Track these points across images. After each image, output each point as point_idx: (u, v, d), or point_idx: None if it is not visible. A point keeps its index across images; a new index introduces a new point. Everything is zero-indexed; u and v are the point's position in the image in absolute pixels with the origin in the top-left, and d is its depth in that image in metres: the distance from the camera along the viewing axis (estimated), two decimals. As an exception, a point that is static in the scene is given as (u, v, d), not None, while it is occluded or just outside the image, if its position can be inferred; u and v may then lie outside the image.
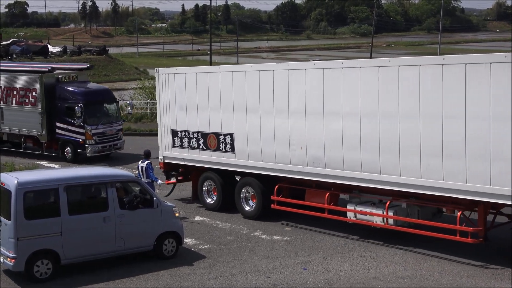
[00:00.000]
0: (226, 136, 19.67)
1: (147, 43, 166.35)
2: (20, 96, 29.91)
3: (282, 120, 18.05)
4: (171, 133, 21.35)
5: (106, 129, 29.43)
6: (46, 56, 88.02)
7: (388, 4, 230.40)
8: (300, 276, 14.60)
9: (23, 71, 30.51)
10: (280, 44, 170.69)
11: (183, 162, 21.28)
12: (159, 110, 21.79)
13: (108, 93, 30.98)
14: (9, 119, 30.74)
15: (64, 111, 29.07)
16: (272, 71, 18.39)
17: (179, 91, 20.91)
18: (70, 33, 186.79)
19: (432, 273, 14.59)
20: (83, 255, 14.89)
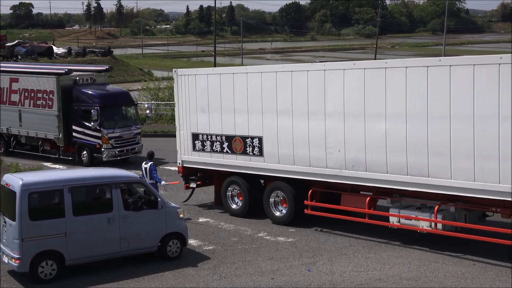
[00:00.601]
0: (254, 139, 19.06)
1: (152, 44, 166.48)
2: (38, 99, 29.33)
3: (318, 122, 17.41)
4: (192, 136, 20.70)
5: (123, 133, 28.58)
6: (51, 57, 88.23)
7: (393, 5, 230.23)
8: (305, 278, 14.60)
9: (40, 73, 29.96)
10: (284, 45, 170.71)
11: (205, 166, 20.62)
12: (178, 112, 21.10)
13: (126, 96, 30.05)
14: (27, 122, 30.10)
15: (81, 114, 28.35)
16: (306, 71, 17.73)
17: (201, 93, 20.26)
18: (75, 34, 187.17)
19: (437, 274, 14.56)
20: (87, 256, 14.90)
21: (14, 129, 30.55)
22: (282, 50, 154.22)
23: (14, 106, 30.20)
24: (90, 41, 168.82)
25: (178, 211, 16.25)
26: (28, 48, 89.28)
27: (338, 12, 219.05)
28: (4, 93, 30.55)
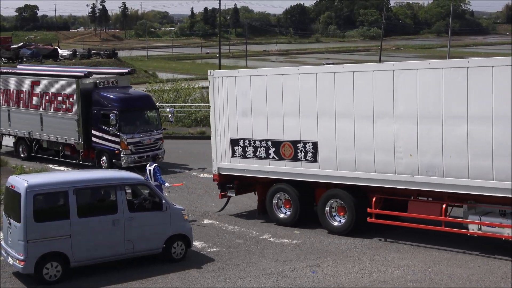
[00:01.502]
0: (307, 144, 17.92)
1: (157, 46, 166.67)
2: (58, 102, 28.35)
3: (385, 125, 16.38)
4: (230, 142, 19.56)
5: (144, 138, 27.23)
6: (56, 59, 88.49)
7: (398, 7, 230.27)
8: (309, 280, 14.58)
9: (60, 76, 28.95)
10: (289, 47, 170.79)
11: (246, 174, 19.55)
12: (214, 117, 19.91)
13: (147, 100, 28.81)
14: (48, 126, 29.09)
15: (100, 118, 27.16)
16: (371, 71, 16.69)
17: (242, 95, 19.13)
18: (79, 36, 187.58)
19: (442, 277, 14.53)
20: (92, 257, 14.91)
21: (36, 133, 29.73)
22: (286, 52, 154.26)
23: (35, 110, 29.41)
24: (95, 43, 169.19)
25: (182, 213, 16.25)
26: (33, 50, 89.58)
27: (343, 14, 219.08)
28: (26, 96, 29.80)
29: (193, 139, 35.84)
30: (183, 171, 27.38)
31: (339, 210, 17.99)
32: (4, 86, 30.79)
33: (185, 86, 45.59)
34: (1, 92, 30.91)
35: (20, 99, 29.90)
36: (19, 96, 29.97)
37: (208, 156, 29.01)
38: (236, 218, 19.95)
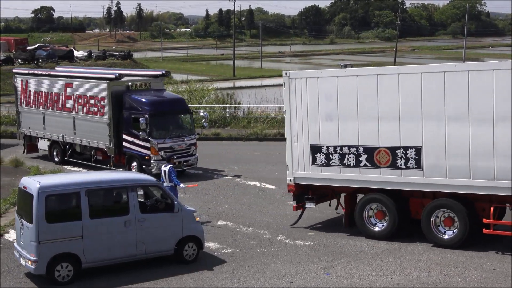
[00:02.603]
0: (408, 150, 16.54)
1: (171, 48, 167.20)
2: (90, 105, 27.49)
3: (509, 128, 15.12)
4: (311, 148, 18.07)
5: (175, 144, 26.00)
6: (71, 60, 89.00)
7: (413, 9, 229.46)
8: (323, 281, 14.55)
9: (91, 78, 28.00)
10: (303, 49, 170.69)
11: (330, 183, 18.14)
12: (290, 122, 18.41)
13: (180, 103, 27.41)
14: (80, 130, 28.24)
15: (131, 122, 26.13)
16: (491, 70, 15.28)
17: (326, 97, 17.63)
18: (95, 37, 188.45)
19: (457, 279, 14.45)
20: (104, 259, 14.93)
21: (69, 137, 28.90)
22: (301, 54, 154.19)
23: (68, 113, 28.64)
24: (110, 44, 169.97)
25: (194, 214, 16.25)
26: (49, 52, 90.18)
27: (358, 15, 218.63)
28: (60, 98, 29.10)
29: (207, 140, 35.87)
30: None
31: (447, 221, 16.59)
32: (39, 88, 30.20)
33: (200, 87, 45.65)
34: (36, 94, 30.38)
35: (54, 102, 29.36)
36: (53, 99, 29.44)
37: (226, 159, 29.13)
38: (250, 220, 19.92)
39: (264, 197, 22.80)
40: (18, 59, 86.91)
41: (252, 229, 18.97)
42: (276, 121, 39.60)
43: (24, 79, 31.17)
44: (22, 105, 31.30)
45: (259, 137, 36.46)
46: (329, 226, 18.69)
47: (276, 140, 36.04)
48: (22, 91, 31.17)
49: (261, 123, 39.20)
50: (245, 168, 27.74)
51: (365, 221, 17.68)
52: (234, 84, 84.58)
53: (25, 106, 31.06)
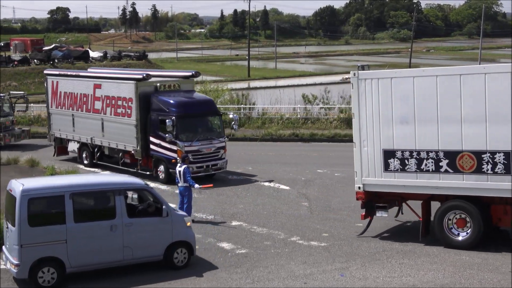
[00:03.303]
0: (496, 154, 15.66)
1: (186, 48, 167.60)
2: (118, 106, 26.81)
3: None
4: (383, 154, 17.11)
5: (203, 147, 25.06)
6: (87, 61, 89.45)
7: (428, 9, 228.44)
8: (338, 283, 14.53)
9: (119, 78, 27.38)
10: (318, 49, 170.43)
11: (405, 190, 17.15)
12: (359, 125, 17.41)
13: (209, 105, 26.53)
14: (109, 132, 27.61)
15: (158, 124, 25.39)
16: None
17: (401, 99, 16.71)
18: (110, 38, 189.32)
19: (472, 281, 14.38)
20: (89, 263, 14.67)
21: (97, 139, 28.28)
22: (316, 54, 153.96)
23: (97, 114, 28.05)
24: (126, 45, 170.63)
25: (185, 219, 15.86)
26: (65, 52, 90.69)
27: (373, 15, 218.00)
28: (89, 100, 28.56)
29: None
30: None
31: None
32: (69, 90, 29.76)
33: (214, 88, 45.72)
34: (67, 95, 29.92)
35: (84, 103, 28.84)
36: (82, 100, 28.94)
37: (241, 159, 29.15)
38: (265, 220, 19.92)
39: (278, 197, 22.80)
40: (34, 59, 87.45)
41: (266, 229, 18.97)
42: (290, 122, 39.60)
43: (54, 80, 30.84)
44: (52, 106, 30.97)
45: (274, 138, 36.47)
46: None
47: (291, 141, 36.08)
48: (53, 92, 30.86)
49: (276, 124, 39.19)
50: (259, 168, 27.74)
51: (445, 229, 16.72)
52: (248, 85, 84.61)
53: (56, 107, 30.67)
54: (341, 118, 39.14)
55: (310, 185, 24.48)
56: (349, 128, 38.06)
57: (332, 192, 23.40)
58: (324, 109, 41.48)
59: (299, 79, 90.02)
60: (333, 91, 43.90)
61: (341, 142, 35.42)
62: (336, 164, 28.58)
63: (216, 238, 18.02)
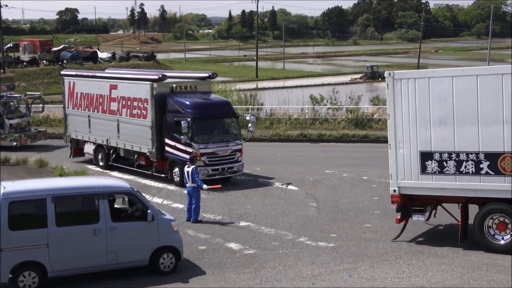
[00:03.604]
0: None
1: (194, 49, 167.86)
2: (133, 108, 26.40)
3: None
4: (420, 156, 16.73)
5: (219, 149, 24.55)
6: (95, 61, 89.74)
7: (437, 9, 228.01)
8: (346, 283, 14.50)
9: (135, 79, 27.02)
10: (326, 50, 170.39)
11: (443, 193, 16.79)
12: (394, 127, 17.02)
13: (226, 106, 26.07)
14: (124, 133, 27.15)
15: (173, 125, 24.91)
16: None
17: (439, 100, 16.34)
18: (119, 39, 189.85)
19: (481, 282, 14.32)
20: (71, 268, 14.42)
21: (113, 140, 27.82)
22: (324, 55, 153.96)
23: (113, 116, 27.60)
24: (134, 45, 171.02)
25: (172, 224, 15.48)
26: (74, 53, 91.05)
27: (381, 16, 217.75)
28: (105, 101, 28.15)
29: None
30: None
31: None
32: (86, 90, 29.37)
33: (222, 88, 45.75)
34: (83, 96, 29.52)
35: (99, 104, 28.46)
36: (98, 101, 28.54)
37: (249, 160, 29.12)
38: (273, 221, 19.91)
39: (286, 198, 22.79)
40: (43, 60, 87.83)
41: (274, 230, 18.96)
42: (298, 123, 39.59)
43: (71, 81, 30.47)
44: (69, 107, 30.60)
45: (282, 138, 36.46)
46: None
47: (299, 141, 36.06)
48: (69, 93, 30.48)
49: (284, 124, 39.19)
50: (267, 169, 27.74)
51: (486, 233, 16.29)
52: (256, 85, 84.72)
53: (72, 108, 30.32)
54: (349, 119, 39.11)
55: (318, 186, 24.45)
56: (357, 128, 38.10)
57: (340, 192, 23.37)
58: (332, 110, 41.45)
59: (307, 80, 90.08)
60: (341, 92, 43.88)
61: (349, 143, 35.44)
62: (344, 165, 28.55)
63: (224, 239, 18.03)
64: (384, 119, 39.18)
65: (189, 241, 17.67)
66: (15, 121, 34.13)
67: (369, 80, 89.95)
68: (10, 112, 34.35)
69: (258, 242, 17.76)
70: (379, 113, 40.23)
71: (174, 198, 22.88)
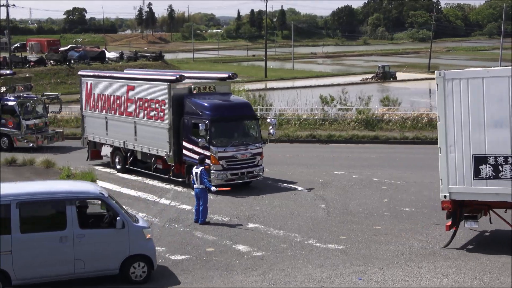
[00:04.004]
0: None
1: (203, 49, 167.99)
2: (151, 109, 25.93)
3: None
4: (473, 160, 16.23)
5: (238, 153, 23.96)
6: (103, 61, 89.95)
7: (448, 9, 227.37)
8: (355, 286, 14.45)
9: (152, 80, 26.64)
10: (336, 50, 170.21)
11: (499, 198, 16.26)
12: (445, 129, 16.52)
13: (246, 108, 25.57)
14: (141, 136, 26.66)
15: (190, 128, 24.39)
16: None
17: (495, 101, 15.86)
18: (126, 39, 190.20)
19: (492, 285, 14.24)
20: (37, 276, 14.08)
21: (130, 143, 27.34)
22: (333, 55, 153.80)
23: (130, 117, 27.17)
24: (142, 45, 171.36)
25: (145, 231, 14.97)
26: (81, 53, 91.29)
27: (392, 15, 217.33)
28: (122, 102, 27.69)
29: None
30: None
31: None
32: (103, 91, 28.95)
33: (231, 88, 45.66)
34: (100, 97, 29.05)
35: (117, 105, 28.00)
36: (115, 102, 28.09)
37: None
38: (282, 223, 19.86)
39: (295, 199, 22.74)
40: (50, 60, 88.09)
41: (283, 232, 18.92)
42: (307, 123, 39.54)
43: (88, 81, 30.07)
44: (86, 108, 30.16)
45: (291, 139, 36.42)
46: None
47: (308, 142, 36.01)
48: (87, 94, 30.02)
49: (293, 125, 39.17)
50: (276, 170, 27.69)
51: None
52: (265, 86, 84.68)
53: (89, 110, 29.87)
54: (358, 119, 39.03)
55: (328, 187, 24.40)
56: (367, 129, 38.02)
57: (349, 194, 23.31)
58: (341, 110, 41.38)
59: (316, 80, 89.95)
60: (351, 92, 43.82)
61: (359, 144, 35.37)
62: (353, 166, 28.49)
63: (232, 241, 18.00)
64: (395, 120, 39.16)
65: (197, 243, 17.67)
66: (31, 122, 34.13)
67: (381, 80, 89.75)
68: (27, 113, 34.33)
69: (266, 244, 17.73)
70: (389, 114, 40.20)
71: (182, 199, 22.87)
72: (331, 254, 16.78)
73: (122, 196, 22.99)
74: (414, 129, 37.85)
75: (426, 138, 35.36)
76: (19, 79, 37.73)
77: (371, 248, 17.15)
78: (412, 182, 25.02)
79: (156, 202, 22.64)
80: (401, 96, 48.99)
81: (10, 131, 34.17)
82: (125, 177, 26.92)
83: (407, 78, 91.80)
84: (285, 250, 17.21)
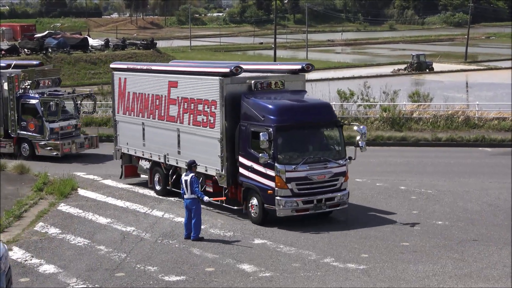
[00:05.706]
0: None
1: (202, 36, 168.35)
2: (198, 113, 23.09)
3: None
4: None
5: (314, 172, 20.87)
6: (85, 50, 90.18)
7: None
8: (379, 312, 14.48)
9: (199, 73, 23.75)
10: (357, 36, 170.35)
11: None
12: None
13: (325, 112, 22.19)
14: (186, 147, 23.80)
15: (249, 138, 21.40)
16: None
17: None
18: (113, 24, 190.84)
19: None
20: None
21: (172, 157, 24.39)
22: (354, 42, 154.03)
23: (172, 123, 24.35)
24: (131, 31, 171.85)
25: None
26: (60, 40, 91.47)
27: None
28: (162, 103, 24.87)
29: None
30: None
31: None
32: (139, 90, 26.18)
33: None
34: (136, 97, 26.33)
35: (156, 108, 25.19)
36: (154, 104, 25.29)
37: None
38: (293, 239, 19.90)
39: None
40: (24, 48, 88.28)
41: (294, 249, 18.96)
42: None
43: (122, 76, 27.11)
44: (119, 112, 27.31)
45: (304, 141, 36.40)
46: (386, 248, 18.45)
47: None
48: (120, 93, 27.18)
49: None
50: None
51: None
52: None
53: (123, 113, 27.03)
54: (384, 118, 39.03)
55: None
56: (393, 129, 38.02)
57: (372, 204, 23.34)
58: (363, 107, 41.40)
59: (334, 72, 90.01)
60: (374, 86, 43.84)
61: (384, 146, 35.37)
62: (377, 172, 28.51)
63: (236, 259, 18.05)
64: (425, 118, 39.15)
65: (194, 262, 17.72)
66: (56, 124, 32.31)
67: (415, 71, 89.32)
68: (51, 114, 32.10)
69: (275, 263, 17.77)
70: (419, 111, 40.19)
71: (177, 211, 22.92)
72: (351, 275, 16.81)
73: (108, 207, 23.08)
74: (448, 129, 37.86)
75: (462, 139, 35.36)
76: (45, 71, 34.93)
77: (397, 268, 17.17)
78: (446, 191, 25.04)
79: (147, 214, 22.70)
80: (433, 90, 48.97)
81: (31, 135, 32.51)
82: (111, 185, 27.01)
83: (441, 69, 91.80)
84: (297, 270, 17.25)
